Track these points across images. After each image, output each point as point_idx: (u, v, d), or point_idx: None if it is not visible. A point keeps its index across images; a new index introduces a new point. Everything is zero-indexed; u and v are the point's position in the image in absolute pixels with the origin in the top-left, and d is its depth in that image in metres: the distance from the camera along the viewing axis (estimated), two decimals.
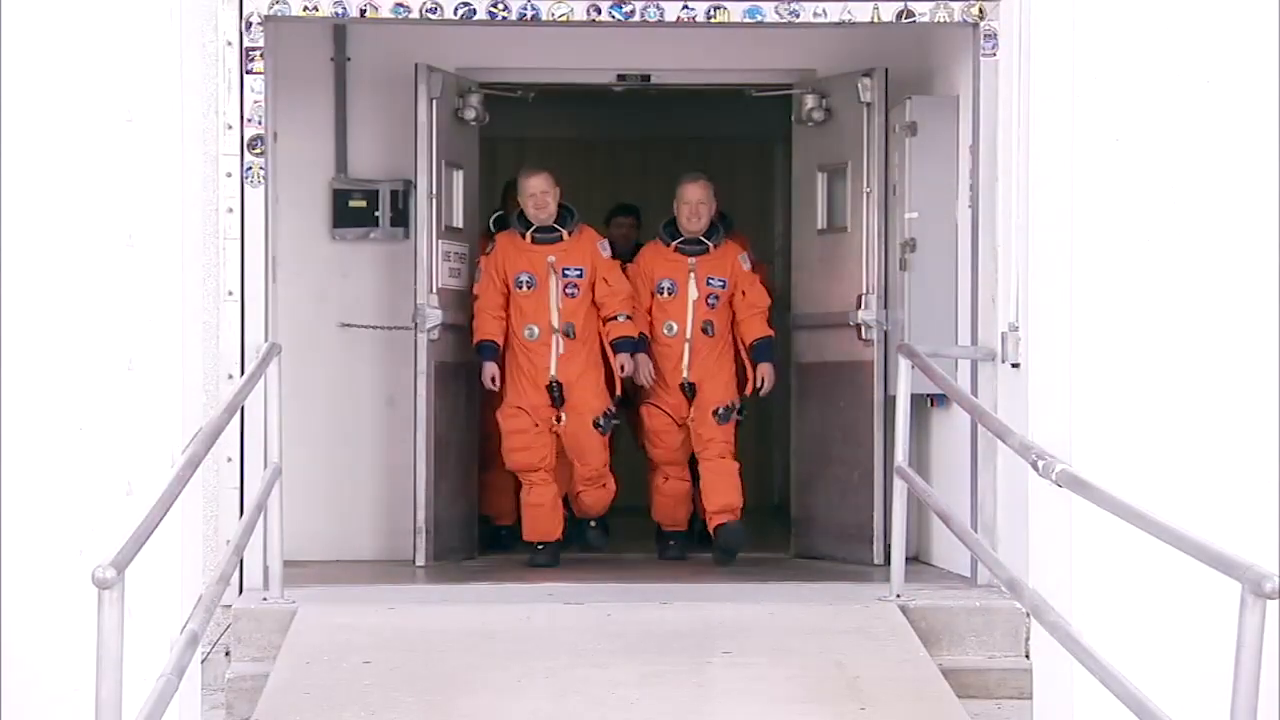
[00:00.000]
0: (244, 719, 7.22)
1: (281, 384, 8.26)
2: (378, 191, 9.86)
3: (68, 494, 5.80)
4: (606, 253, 9.83)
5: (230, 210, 8.50)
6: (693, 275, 9.78)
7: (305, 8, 8.53)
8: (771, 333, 9.95)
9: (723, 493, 9.80)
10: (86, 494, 5.78)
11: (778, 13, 8.58)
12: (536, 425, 9.68)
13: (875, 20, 8.63)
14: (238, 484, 8.36)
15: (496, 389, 9.74)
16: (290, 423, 8.49)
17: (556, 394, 9.67)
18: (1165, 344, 5.90)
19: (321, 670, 7.35)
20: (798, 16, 8.58)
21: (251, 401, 8.03)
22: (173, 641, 5.65)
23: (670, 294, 9.82)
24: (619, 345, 9.75)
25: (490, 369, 9.71)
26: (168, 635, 5.71)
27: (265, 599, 8.21)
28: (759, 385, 9.94)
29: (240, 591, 8.28)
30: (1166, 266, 5.89)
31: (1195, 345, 5.90)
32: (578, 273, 9.70)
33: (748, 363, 9.92)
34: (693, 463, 10.13)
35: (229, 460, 8.27)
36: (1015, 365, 7.98)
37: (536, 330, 9.65)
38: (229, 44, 8.47)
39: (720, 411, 9.82)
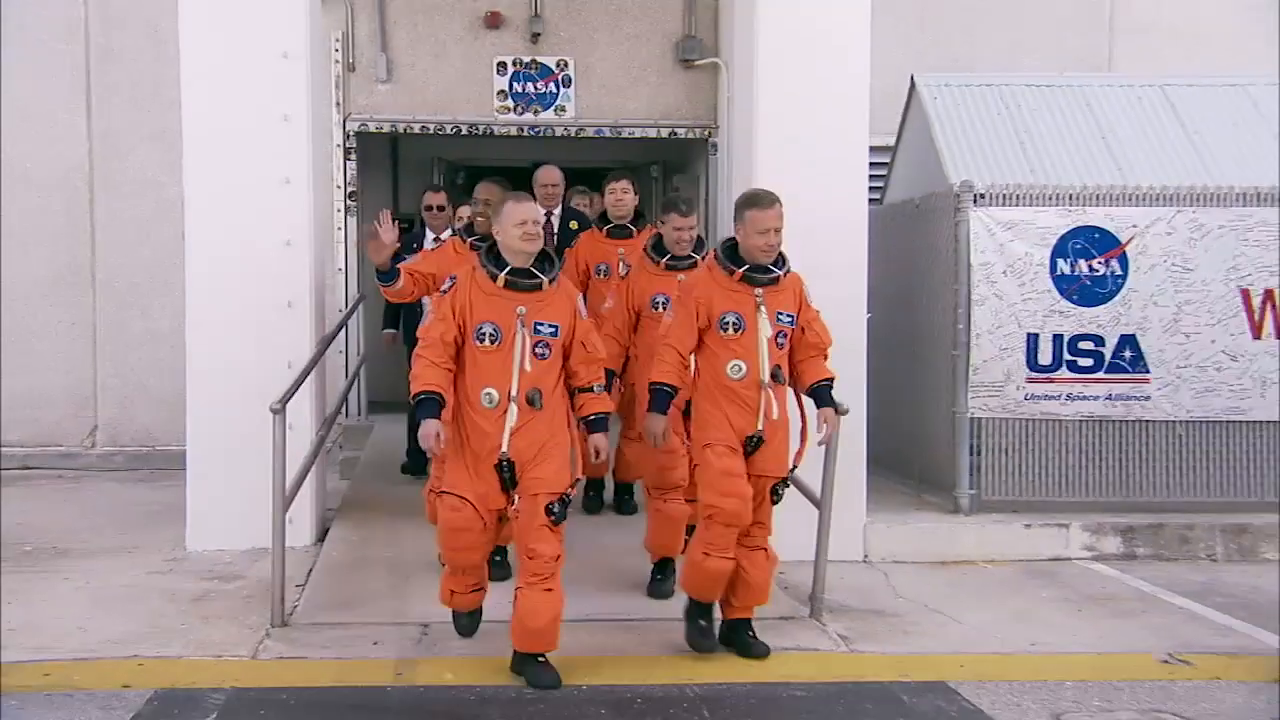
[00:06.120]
0: (348, 479, 7.28)
1: (363, 316, 8.28)
2: (414, 222, 9.94)
3: (259, 367, 5.76)
4: (583, 312, 4.37)
5: (339, 228, 8.55)
6: (762, 308, 4.49)
7: (376, 128, 8.63)
8: (834, 375, 4.66)
9: (758, 590, 4.61)
10: (268, 367, 5.76)
11: (612, 131, 8.67)
12: (484, 522, 4.27)
13: (658, 136, 8.71)
14: (344, 363, 8.29)
15: (440, 452, 4.21)
16: (366, 333, 8.46)
17: (507, 474, 4.22)
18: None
19: (388, 453, 7.42)
20: (620, 134, 8.69)
21: (351, 324, 8.07)
22: (312, 441, 5.74)
23: (737, 330, 4.49)
24: (595, 424, 4.33)
25: (433, 427, 4.12)
26: (309, 438, 5.75)
27: (359, 419, 8.41)
28: (820, 435, 4.61)
29: (346, 415, 8.27)
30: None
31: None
32: (552, 330, 4.23)
33: (800, 411, 4.67)
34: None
35: (339, 352, 8.18)
36: None
37: (496, 395, 4.19)
38: (338, 145, 8.54)
39: (779, 489, 4.58)
